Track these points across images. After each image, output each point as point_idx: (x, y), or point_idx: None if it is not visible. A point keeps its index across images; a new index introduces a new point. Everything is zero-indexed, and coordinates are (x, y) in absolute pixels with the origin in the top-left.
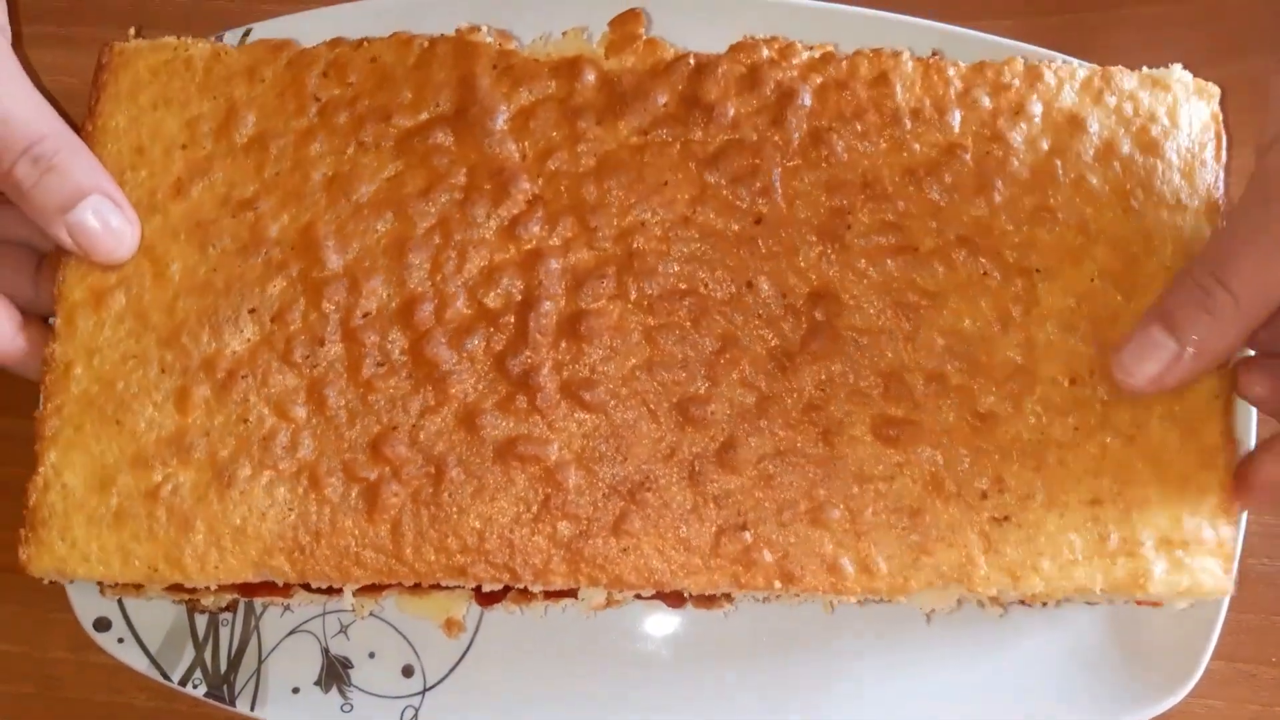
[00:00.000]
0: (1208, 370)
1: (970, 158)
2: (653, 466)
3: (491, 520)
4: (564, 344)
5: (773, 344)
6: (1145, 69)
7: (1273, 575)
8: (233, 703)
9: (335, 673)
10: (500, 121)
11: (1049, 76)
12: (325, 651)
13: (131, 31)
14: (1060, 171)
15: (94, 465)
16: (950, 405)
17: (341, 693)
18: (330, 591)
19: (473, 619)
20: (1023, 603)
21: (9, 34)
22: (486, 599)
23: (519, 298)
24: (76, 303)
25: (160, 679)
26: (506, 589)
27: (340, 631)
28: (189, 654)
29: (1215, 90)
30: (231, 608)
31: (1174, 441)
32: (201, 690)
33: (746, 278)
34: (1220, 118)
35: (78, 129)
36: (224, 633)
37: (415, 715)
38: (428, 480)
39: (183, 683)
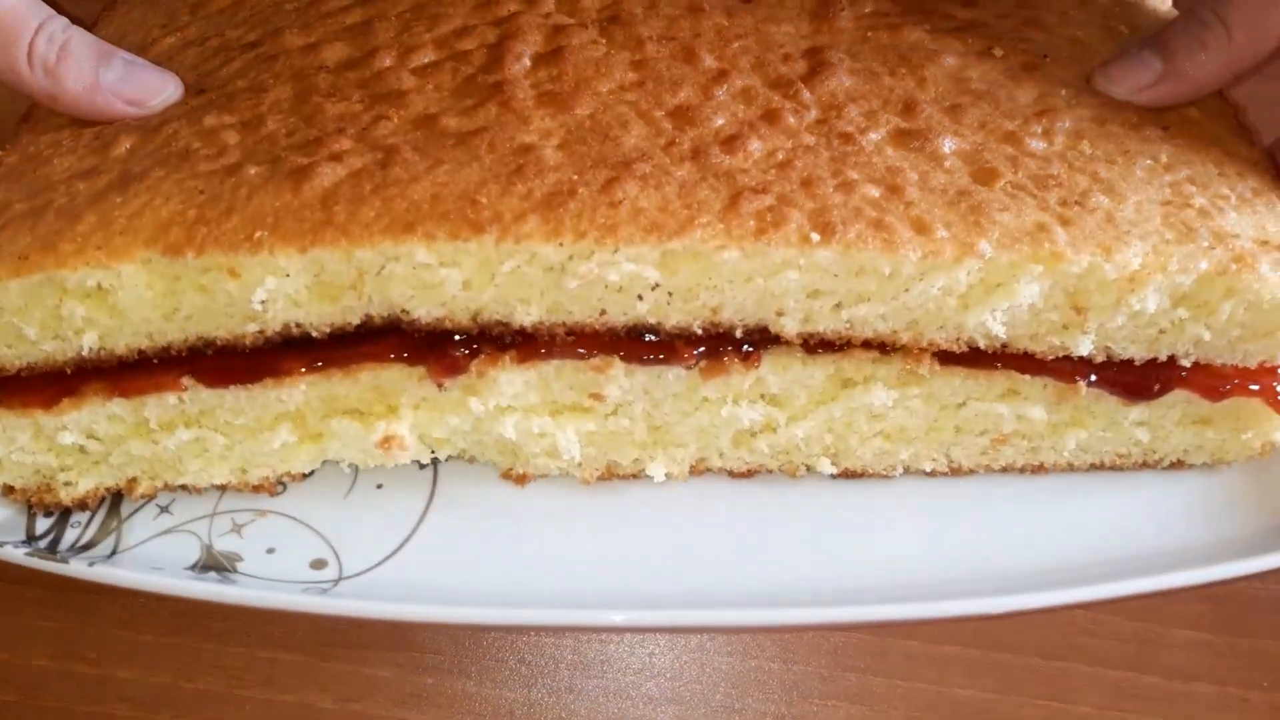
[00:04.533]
0: (1186, 98)
1: None
2: (648, 150)
3: (450, 185)
4: (542, 70)
5: (772, 77)
6: None
7: (1263, 599)
8: (65, 563)
9: (216, 564)
10: None
11: None
12: (207, 548)
13: None
14: (1042, 4)
15: None
16: (979, 127)
17: (222, 576)
18: (233, 375)
19: (413, 517)
20: (1111, 383)
21: None
22: (444, 367)
23: (493, 41)
24: (31, 126)
25: None
26: (470, 352)
27: (232, 531)
28: (12, 539)
29: None
30: (90, 501)
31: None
32: (21, 552)
33: (739, 33)
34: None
35: None
36: (70, 534)
37: (323, 593)
38: (375, 164)
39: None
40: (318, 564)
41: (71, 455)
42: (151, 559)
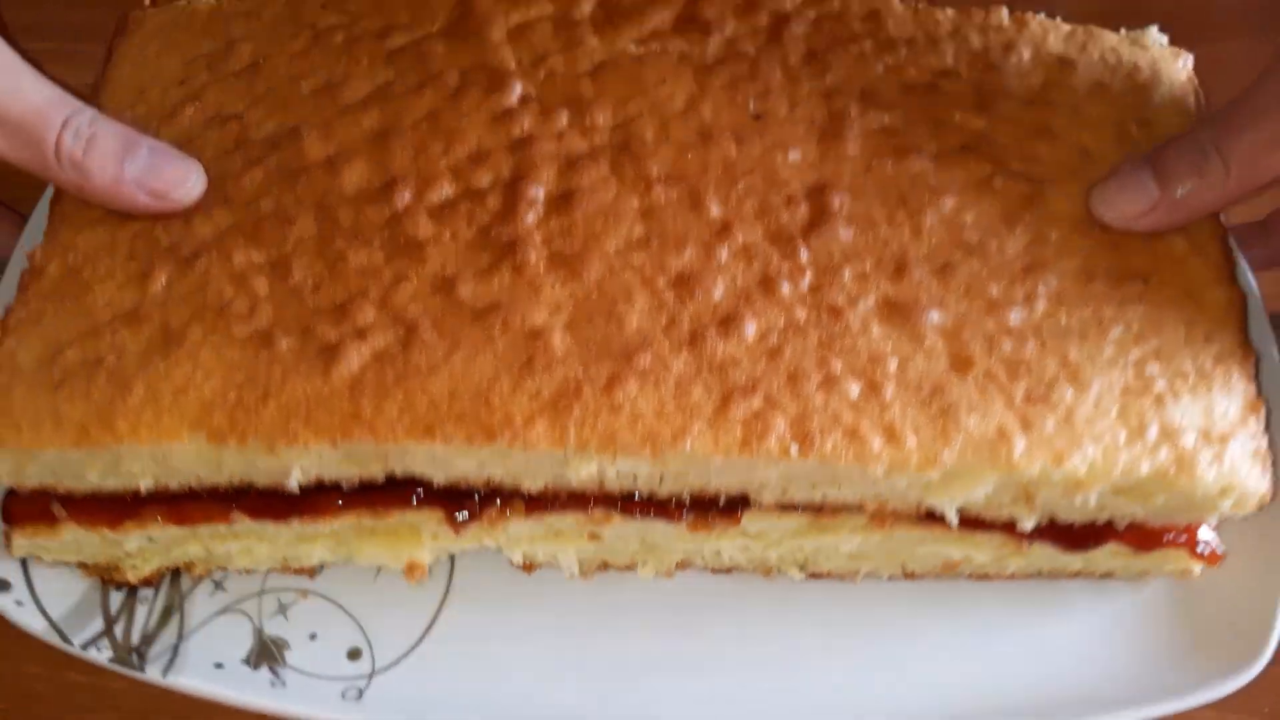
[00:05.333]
0: (1179, 225)
1: (966, 81)
2: (650, 333)
3: (466, 378)
4: (554, 220)
5: (775, 228)
6: (1124, 30)
7: None
8: (141, 669)
9: (268, 653)
10: (497, 33)
11: (1034, 25)
12: (258, 631)
13: (147, 0)
14: (1055, 100)
15: (46, 343)
16: (964, 292)
17: (273, 671)
18: (276, 510)
19: (434, 599)
20: (1051, 536)
21: None
22: (457, 519)
23: (508, 176)
24: (66, 214)
25: (59, 642)
26: (483, 508)
27: (279, 612)
28: (95, 626)
29: (1188, 56)
30: (153, 580)
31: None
32: (106, 655)
33: (747, 167)
34: (1195, 80)
35: None
36: (141, 611)
37: (360, 695)
38: (396, 341)
39: (85, 648)
40: (354, 654)
41: (135, 550)
42: (212, 648)
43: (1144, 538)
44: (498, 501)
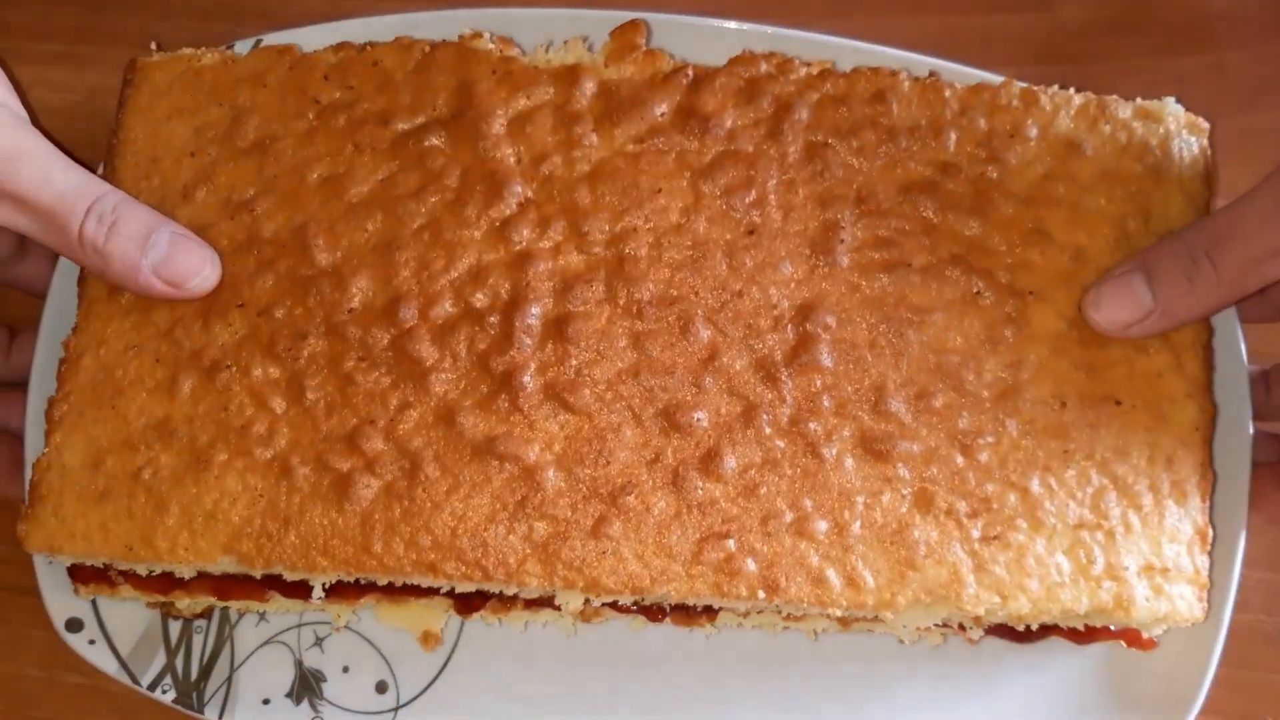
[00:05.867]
0: (1168, 330)
1: (966, 177)
2: (635, 471)
3: (465, 518)
4: (549, 346)
5: (760, 354)
6: (1140, 100)
7: (1270, 632)
8: (201, 710)
9: (308, 685)
10: (497, 126)
11: (1045, 102)
12: (298, 663)
13: (153, 46)
14: (1055, 195)
15: (90, 446)
16: (937, 424)
17: (312, 706)
18: (305, 593)
19: (450, 635)
20: (1000, 631)
21: (27, 117)
22: (465, 607)
23: (506, 298)
24: (94, 299)
25: (130, 683)
26: (486, 597)
27: (315, 644)
28: (160, 659)
29: (1205, 125)
30: (206, 614)
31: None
32: (170, 696)
33: (736, 288)
34: (1209, 153)
35: (77, 149)
36: (197, 640)
37: None
38: (402, 475)
39: (152, 687)
40: (381, 687)
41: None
42: (259, 682)
43: (1084, 634)
44: (501, 594)
